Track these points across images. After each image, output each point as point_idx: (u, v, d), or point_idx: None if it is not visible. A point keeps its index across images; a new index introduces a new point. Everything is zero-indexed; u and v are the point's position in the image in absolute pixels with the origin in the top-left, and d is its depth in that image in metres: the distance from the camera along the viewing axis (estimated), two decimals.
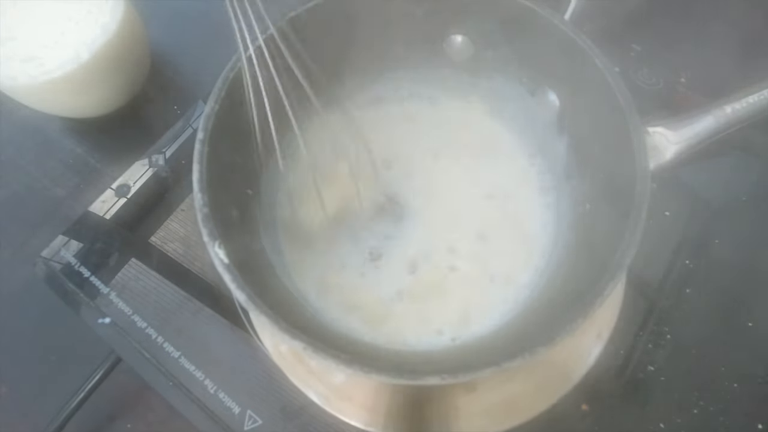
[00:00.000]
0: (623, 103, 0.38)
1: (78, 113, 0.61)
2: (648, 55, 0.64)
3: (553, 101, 0.45)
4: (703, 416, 0.47)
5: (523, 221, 0.47)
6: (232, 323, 0.50)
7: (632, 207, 0.34)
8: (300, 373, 0.46)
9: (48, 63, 0.53)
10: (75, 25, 0.55)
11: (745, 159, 0.58)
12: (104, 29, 0.55)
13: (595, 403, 0.47)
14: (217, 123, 0.37)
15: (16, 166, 0.62)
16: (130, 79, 0.62)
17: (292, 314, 0.35)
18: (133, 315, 0.50)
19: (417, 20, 0.46)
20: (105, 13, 0.55)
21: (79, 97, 0.58)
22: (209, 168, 0.35)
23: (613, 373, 0.48)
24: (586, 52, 0.40)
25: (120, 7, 0.56)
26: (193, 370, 0.48)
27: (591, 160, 0.42)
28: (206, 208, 0.34)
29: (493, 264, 0.45)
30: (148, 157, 0.59)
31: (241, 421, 0.46)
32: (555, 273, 0.41)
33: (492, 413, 0.44)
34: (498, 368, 0.30)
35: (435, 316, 0.44)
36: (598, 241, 0.38)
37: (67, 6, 0.56)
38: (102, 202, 0.56)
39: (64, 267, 0.52)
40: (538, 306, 0.39)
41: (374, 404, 0.44)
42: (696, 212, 0.55)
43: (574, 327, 0.31)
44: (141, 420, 0.50)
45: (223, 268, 0.32)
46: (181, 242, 0.54)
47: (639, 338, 0.49)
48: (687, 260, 0.53)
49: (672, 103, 0.61)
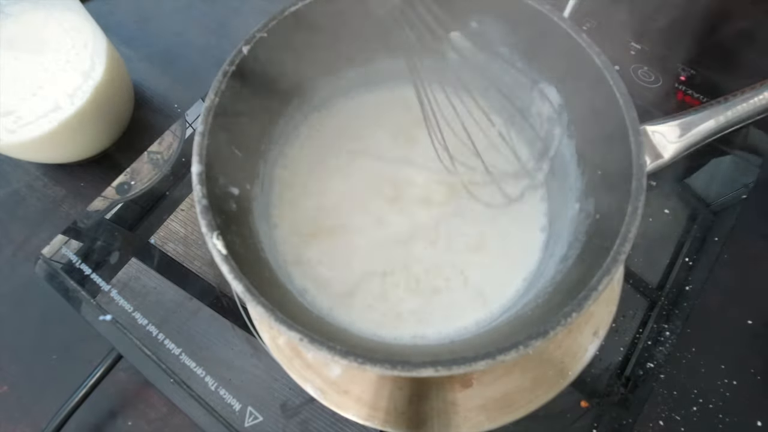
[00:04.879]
0: (622, 101, 0.38)
1: (64, 159, 0.60)
2: (647, 54, 0.64)
3: (553, 98, 0.45)
4: (702, 413, 0.47)
5: (520, 216, 0.47)
6: (233, 322, 0.50)
7: (628, 203, 0.34)
8: (297, 366, 0.46)
9: (26, 116, 0.52)
10: (52, 76, 0.54)
11: (745, 158, 0.58)
12: (86, 76, 0.54)
13: (594, 399, 0.47)
14: (216, 116, 0.37)
15: (16, 165, 0.62)
16: (116, 122, 0.61)
17: (288, 307, 0.35)
18: (134, 312, 0.51)
19: (417, 18, 0.46)
20: (84, 60, 0.54)
21: (63, 145, 0.57)
22: (209, 161, 0.36)
23: (613, 370, 0.48)
24: (585, 50, 0.40)
25: (102, 51, 0.56)
26: (194, 367, 0.48)
27: (589, 156, 0.42)
28: (205, 200, 0.34)
29: (490, 260, 0.46)
30: (148, 157, 0.59)
31: (241, 417, 0.46)
32: (551, 269, 0.41)
33: (489, 409, 0.44)
34: (493, 361, 0.30)
35: (431, 311, 0.44)
36: (594, 236, 0.38)
37: (42, 58, 0.54)
38: (102, 201, 0.56)
39: (65, 265, 0.53)
40: (534, 303, 0.39)
41: (372, 399, 0.44)
42: (696, 211, 0.55)
43: (568, 321, 0.31)
44: (142, 417, 0.51)
45: (221, 259, 0.32)
46: (181, 242, 0.55)
47: (639, 336, 0.50)
48: (687, 258, 0.53)
49: (671, 102, 0.61)
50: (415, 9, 0.34)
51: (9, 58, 0.54)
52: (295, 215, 0.47)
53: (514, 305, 0.43)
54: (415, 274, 0.45)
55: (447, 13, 0.45)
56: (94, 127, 0.57)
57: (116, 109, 0.60)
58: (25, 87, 0.53)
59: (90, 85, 0.54)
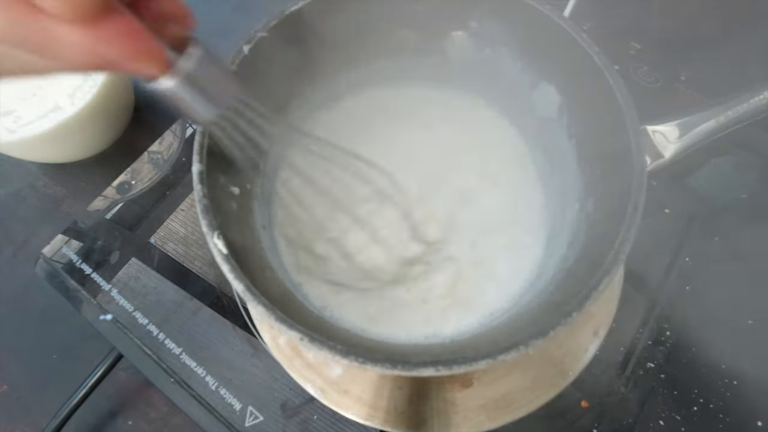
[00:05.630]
0: (622, 101, 0.38)
1: (65, 159, 0.61)
2: (648, 54, 0.64)
3: (553, 98, 0.45)
4: (702, 413, 0.47)
5: (520, 216, 0.47)
6: (233, 322, 0.50)
7: (628, 203, 0.34)
8: (298, 366, 0.46)
9: (26, 116, 0.52)
10: (52, 76, 0.53)
11: (745, 158, 0.58)
12: (86, 76, 0.54)
13: (594, 399, 0.47)
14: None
15: (17, 165, 0.62)
16: (117, 122, 0.61)
17: (288, 307, 0.35)
18: (134, 312, 0.51)
19: (418, 17, 0.46)
20: None
21: (63, 145, 0.57)
22: (209, 160, 0.36)
23: (613, 370, 0.48)
24: (585, 50, 0.40)
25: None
26: (195, 366, 0.48)
27: (590, 156, 0.42)
28: (206, 200, 0.34)
29: (491, 260, 0.46)
30: (148, 157, 0.59)
31: (242, 417, 0.47)
32: (551, 269, 0.41)
33: (489, 408, 0.44)
34: (493, 360, 0.30)
35: (431, 311, 0.44)
36: (594, 236, 0.38)
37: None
38: (102, 201, 0.56)
39: (66, 264, 0.53)
40: (534, 302, 0.39)
41: (372, 398, 0.44)
42: (696, 211, 0.55)
43: (569, 321, 0.31)
44: (142, 417, 0.51)
45: (222, 259, 0.33)
46: (181, 242, 0.55)
47: (639, 335, 0.50)
48: (687, 258, 0.53)
49: (671, 101, 0.61)
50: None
51: None
52: (295, 215, 0.47)
53: (515, 305, 0.43)
54: (414, 275, 0.45)
55: (447, 11, 0.45)
56: (95, 127, 0.57)
57: (116, 108, 0.59)
58: (25, 87, 0.53)
59: (90, 85, 0.54)
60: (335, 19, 0.44)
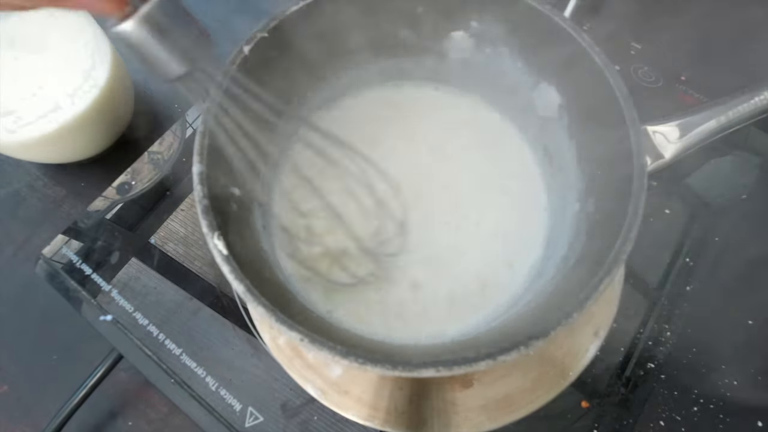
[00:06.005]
0: (622, 101, 0.38)
1: (65, 159, 0.60)
2: (648, 54, 0.64)
3: (553, 97, 0.45)
4: (702, 413, 0.47)
5: (521, 216, 0.47)
6: (233, 322, 0.50)
7: (629, 204, 0.34)
8: (298, 367, 0.46)
9: (26, 116, 0.51)
10: (52, 76, 0.53)
11: (745, 158, 0.58)
12: (87, 76, 0.53)
13: (595, 400, 0.47)
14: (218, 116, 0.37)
15: (17, 165, 0.62)
16: (117, 122, 0.61)
17: (288, 307, 0.35)
18: (134, 312, 0.51)
19: (418, 17, 0.46)
20: (85, 60, 0.54)
21: (63, 145, 0.57)
22: (210, 161, 0.36)
23: (614, 371, 0.48)
24: (585, 50, 0.40)
25: (103, 51, 0.55)
26: (195, 367, 0.48)
27: (590, 156, 0.42)
28: (206, 200, 0.34)
29: (491, 260, 0.46)
30: (148, 157, 0.59)
31: (242, 418, 0.46)
32: (552, 269, 0.41)
33: (490, 409, 0.44)
34: (494, 361, 0.30)
35: (431, 311, 0.44)
36: (594, 237, 0.38)
37: (42, 57, 0.53)
38: (103, 201, 0.56)
39: (66, 265, 0.53)
40: (534, 303, 0.39)
41: (372, 399, 0.44)
42: (696, 211, 0.55)
43: (569, 321, 0.31)
44: (142, 417, 0.51)
45: (222, 260, 0.33)
46: (181, 242, 0.55)
47: (639, 336, 0.50)
48: (687, 258, 0.53)
49: (672, 101, 0.61)
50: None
51: (9, 58, 0.53)
52: (295, 215, 0.47)
53: (515, 305, 0.43)
54: (413, 275, 0.45)
55: (448, 11, 0.45)
56: (95, 127, 0.57)
57: (117, 109, 0.59)
58: (25, 87, 0.52)
59: (90, 85, 0.54)
60: (335, 19, 0.44)
